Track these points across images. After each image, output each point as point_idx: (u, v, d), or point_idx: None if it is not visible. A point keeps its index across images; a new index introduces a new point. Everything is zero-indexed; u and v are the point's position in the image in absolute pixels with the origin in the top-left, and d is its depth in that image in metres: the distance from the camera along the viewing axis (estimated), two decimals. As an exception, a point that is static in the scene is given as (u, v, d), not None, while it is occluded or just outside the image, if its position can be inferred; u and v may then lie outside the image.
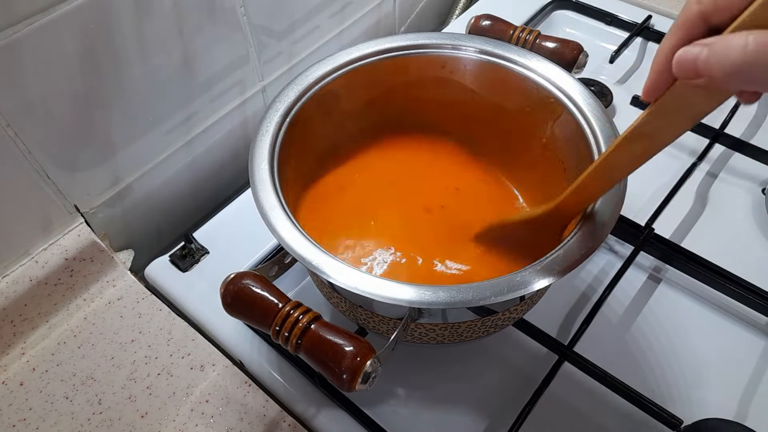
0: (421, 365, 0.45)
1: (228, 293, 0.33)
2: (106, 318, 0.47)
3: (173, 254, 0.51)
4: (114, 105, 0.46)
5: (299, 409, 0.42)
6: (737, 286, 0.46)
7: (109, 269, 0.50)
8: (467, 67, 0.47)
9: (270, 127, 0.41)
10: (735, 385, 0.44)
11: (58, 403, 0.43)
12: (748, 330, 0.46)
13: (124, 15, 0.43)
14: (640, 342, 0.46)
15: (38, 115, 0.41)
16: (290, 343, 0.31)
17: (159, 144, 0.52)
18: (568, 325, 0.47)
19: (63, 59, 0.41)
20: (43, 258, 0.47)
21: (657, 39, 0.68)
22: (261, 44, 0.55)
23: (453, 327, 0.38)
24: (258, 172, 0.38)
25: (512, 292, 0.32)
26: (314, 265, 0.33)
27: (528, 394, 0.40)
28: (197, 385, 0.44)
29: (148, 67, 0.47)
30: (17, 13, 0.37)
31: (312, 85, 0.44)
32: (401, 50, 0.46)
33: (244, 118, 0.59)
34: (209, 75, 0.52)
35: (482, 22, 0.47)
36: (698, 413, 0.41)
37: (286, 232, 0.35)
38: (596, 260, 0.51)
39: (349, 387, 0.30)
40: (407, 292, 0.32)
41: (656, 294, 0.49)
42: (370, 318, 0.39)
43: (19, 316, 0.45)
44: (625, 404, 0.40)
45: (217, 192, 0.61)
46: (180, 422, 0.42)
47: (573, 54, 0.44)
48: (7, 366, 0.45)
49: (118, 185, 0.51)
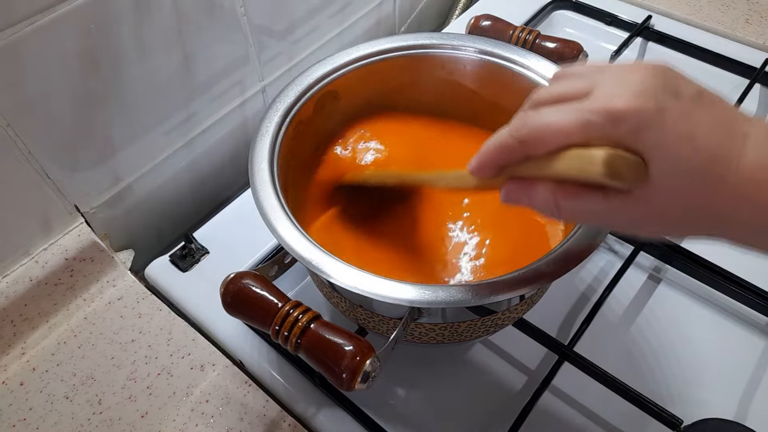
0: (421, 365, 0.45)
1: (228, 293, 0.33)
2: (106, 318, 0.47)
3: (173, 254, 0.51)
4: (114, 105, 0.46)
5: (299, 409, 0.42)
6: (737, 286, 0.46)
7: (109, 269, 0.50)
8: (467, 67, 0.47)
9: (270, 128, 0.41)
10: (735, 385, 0.44)
11: (58, 403, 0.43)
12: (748, 330, 0.46)
13: (123, 15, 0.43)
14: (640, 342, 0.46)
15: (38, 115, 0.41)
16: (290, 343, 0.31)
17: (159, 144, 0.52)
18: (568, 324, 0.47)
19: (63, 59, 0.41)
20: (43, 258, 0.47)
21: (657, 39, 0.68)
22: (261, 44, 0.55)
23: (453, 327, 0.38)
24: (258, 172, 0.38)
25: (512, 292, 0.32)
26: (314, 264, 0.33)
27: (528, 394, 0.40)
28: (197, 385, 0.44)
29: (148, 67, 0.47)
30: (17, 13, 0.37)
31: (312, 85, 0.44)
32: (401, 50, 0.47)
33: (244, 118, 0.59)
34: (209, 75, 0.52)
35: (482, 23, 0.47)
36: (698, 413, 0.41)
37: (286, 232, 0.35)
38: (596, 260, 0.51)
39: (348, 386, 0.30)
40: (407, 292, 0.32)
41: (656, 294, 0.49)
42: (370, 318, 0.39)
43: (19, 316, 0.46)
44: (625, 404, 0.40)
45: (218, 192, 0.61)
46: (180, 422, 0.42)
47: (573, 54, 0.44)
48: (7, 366, 0.45)
49: (118, 185, 0.51)
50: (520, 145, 0.26)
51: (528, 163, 0.27)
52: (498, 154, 0.27)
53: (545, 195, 0.26)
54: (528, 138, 0.26)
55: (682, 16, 0.70)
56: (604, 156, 0.23)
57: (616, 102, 0.23)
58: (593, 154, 0.24)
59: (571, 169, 0.25)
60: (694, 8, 0.71)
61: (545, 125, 0.25)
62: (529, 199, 0.27)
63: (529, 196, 0.27)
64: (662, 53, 0.67)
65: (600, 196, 0.25)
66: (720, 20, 0.69)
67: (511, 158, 0.27)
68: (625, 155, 0.23)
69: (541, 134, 0.25)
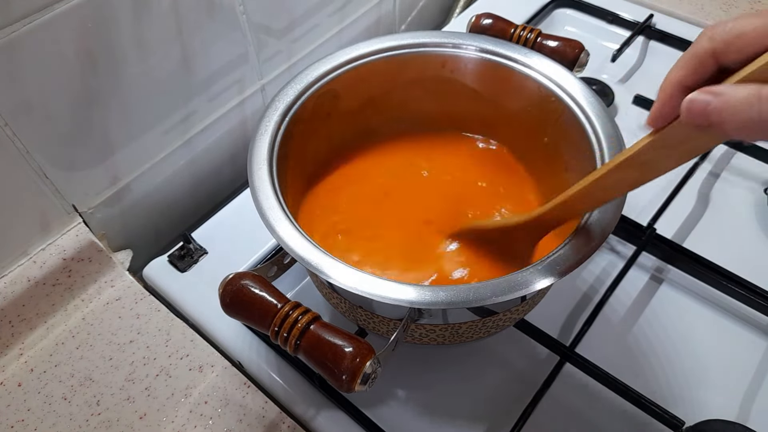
0: (421, 366, 0.45)
1: (227, 293, 0.33)
2: (104, 318, 0.47)
3: (172, 254, 0.51)
4: (112, 104, 0.46)
5: (298, 411, 0.42)
6: (739, 287, 0.46)
7: (107, 269, 0.49)
8: (468, 66, 0.46)
9: (269, 127, 0.41)
10: (737, 386, 0.43)
11: (56, 404, 0.43)
12: (751, 331, 0.46)
13: (122, 13, 0.43)
14: (641, 343, 0.46)
15: (36, 114, 0.41)
16: (289, 344, 0.31)
17: (157, 143, 0.52)
18: (570, 325, 0.47)
19: (61, 58, 0.41)
20: (41, 258, 0.47)
21: (659, 38, 0.68)
22: (260, 43, 0.55)
23: (453, 328, 0.38)
24: (257, 171, 0.38)
25: (513, 293, 0.32)
26: (313, 265, 0.33)
27: (529, 395, 0.40)
28: (196, 386, 0.43)
29: (146, 65, 0.46)
30: (15, 12, 0.37)
31: (311, 84, 0.44)
32: (401, 49, 0.46)
33: (243, 117, 0.59)
34: (208, 74, 0.52)
35: (483, 21, 0.47)
36: (700, 414, 0.41)
37: (285, 232, 0.35)
38: (598, 260, 0.51)
39: (348, 388, 0.29)
40: (407, 293, 0.32)
41: (658, 294, 0.49)
42: (370, 319, 0.39)
43: (17, 316, 0.45)
44: (627, 405, 0.40)
45: (216, 192, 0.61)
46: (179, 423, 0.41)
47: (574, 53, 0.44)
48: (5, 367, 0.44)
49: (116, 185, 0.50)
50: (713, 46, 0.23)
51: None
52: (685, 68, 0.24)
53: (747, 95, 0.22)
54: (728, 36, 0.23)
55: (684, 14, 0.70)
56: None
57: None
58: None
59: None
60: (696, 7, 0.71)
61: (746, 23, 0.22)
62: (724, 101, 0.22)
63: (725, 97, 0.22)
64: (664, 52, 0.67)
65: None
66: (722, 19, 0.69)
67: (700, 71, 0.24)
68: None
69: (742, 31, 0.22)
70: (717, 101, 0.22)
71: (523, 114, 0.46)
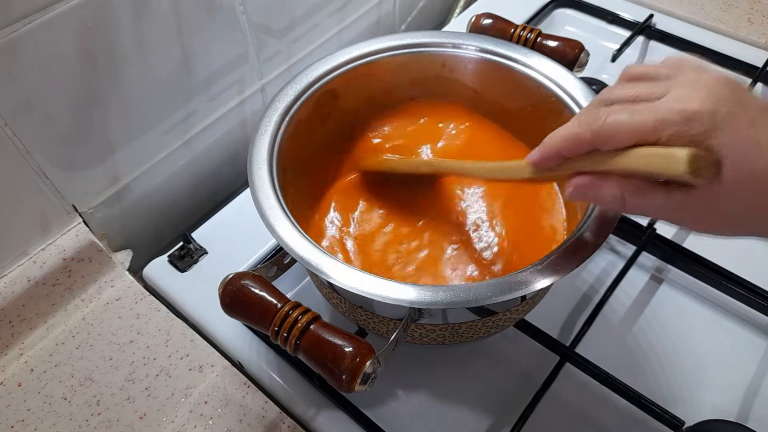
0: (421, 366, 0.45)
1: (227, 293, 0.33)
2: (104, 318, 0.47)
3: (172, 254, 0.51)
4: (112, 104, 0.46)
5: (298, 411, 0.42)
6: (739, 287, 0.46)
7: (107, 269, 0.49)
8: (468, 65, 0.46)
9: (269, 127, 0.41)
10: (737, 386, 0.43)
11: (56, 404, 0.43)
12: (751, 331, 0.46)
13: (122, 13, 0.42)
14: (641, 343, 0.46)
15: (36, 114, 0.41)
16: (289, 344, 0.31)
17: (157, 143, 0.52)
18: (570, 325, 0.47)
19: (61, 58, 0.41)
20: (41, 258, 0.47)
21: (659, 38, 0.68)
22: (260, 43, 0.55)
23: (453, 328, 0.38)
24: (257, 171, 0.38)
25: (513, 292, 0.32)
26: (313, 265, 0.33)
27: (529, 395, 0.40)
28: (196, 386, 0.43)
29: (146, 65, 0.46)
30: (15, 12, 0.37)
31: (311, 84, 0.44)
32: (401, 49, 0.46)
33: (243, 117, 0.59)
34: (208, 74, 0.52)
35: (483, 21, 0.47)
36: (700, 414, 0.41)
37: (285, 232, 0.35)
38: (598, 260, 0.51)
39: (348, 388, 0.29)
40: (407, 293, 0.32)
41: (658, 294, 0.49)
42: (370, 318, 0.39)
43: (17, 316, 0.45)
44: (627, 405, 0.40)
45: (216, 192, 0.61)
46: (179, 423, 0.41)
47: (574, 53, 0.44)
48: (5, 367, 0.44)
49: (116, 185, 0.50)
50: (591, 138, 0.28)
51: (594, 157, 0.28)
52: (565, 144, 0.29)
53: (613, 190, 0.28)
54: (602, 132, 0.27)
55: (684, 14, 0.70)
56: (688, 154, 0.24)
57: (692, 103, 0.25)
58: (676, 152, 0.25)
59: (648, 165, 0.26)
60: (696, 7, 0.71)
61: (621, 122, 0.27)
62: (596, 193, 0.29)
63: (597, 190, 0.28)
64: (664, 52, 0.67)
65: (663, 191, 0.27)
66: (722, 19, 0.69)
67: (577, 150, 0.29)
68: (705, 153, 0.25)
69: (617, 129, 0.27)
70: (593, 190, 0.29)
71: (522, 114, 0.46)
